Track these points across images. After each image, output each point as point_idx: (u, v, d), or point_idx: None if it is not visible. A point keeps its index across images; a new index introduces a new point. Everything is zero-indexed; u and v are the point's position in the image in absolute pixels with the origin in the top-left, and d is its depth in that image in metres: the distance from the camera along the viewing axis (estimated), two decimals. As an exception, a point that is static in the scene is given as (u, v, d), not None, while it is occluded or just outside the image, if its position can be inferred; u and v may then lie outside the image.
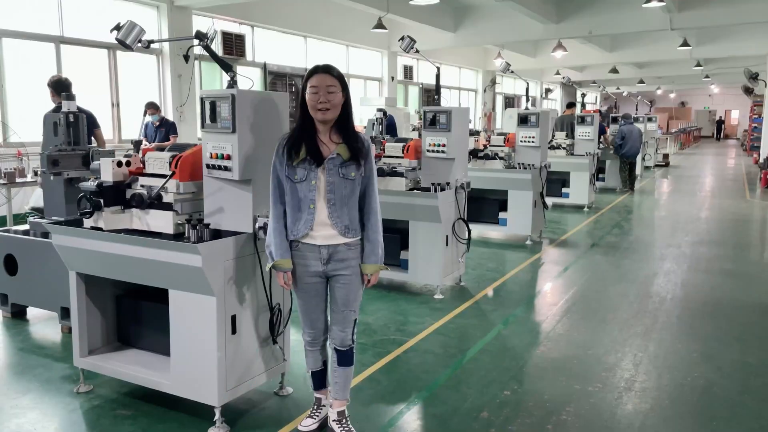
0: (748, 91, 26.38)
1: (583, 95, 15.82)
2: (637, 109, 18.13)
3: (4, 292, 4.66)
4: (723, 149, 29.60)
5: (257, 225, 3.04)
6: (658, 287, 5.69)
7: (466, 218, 5.45)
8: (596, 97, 36.16)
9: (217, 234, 3.03)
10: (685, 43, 15.21)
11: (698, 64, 19.98)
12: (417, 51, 5.55)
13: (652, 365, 3.88)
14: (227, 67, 3.16)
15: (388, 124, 12.06)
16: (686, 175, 16.74)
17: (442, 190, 5.16)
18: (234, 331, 3.01)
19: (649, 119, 16.62)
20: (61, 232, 3.28)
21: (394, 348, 4.08)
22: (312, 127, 2.74)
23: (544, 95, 26.96)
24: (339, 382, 2.93)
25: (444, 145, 5.21)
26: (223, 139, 2.98)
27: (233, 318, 3.01)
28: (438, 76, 5.47)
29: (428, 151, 5.30)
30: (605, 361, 3.90)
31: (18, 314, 4.69)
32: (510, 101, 24.22)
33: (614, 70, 20.46)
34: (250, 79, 3.31)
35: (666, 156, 19.20)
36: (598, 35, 14.90)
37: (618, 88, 27.97)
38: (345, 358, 2.92)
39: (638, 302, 5.21)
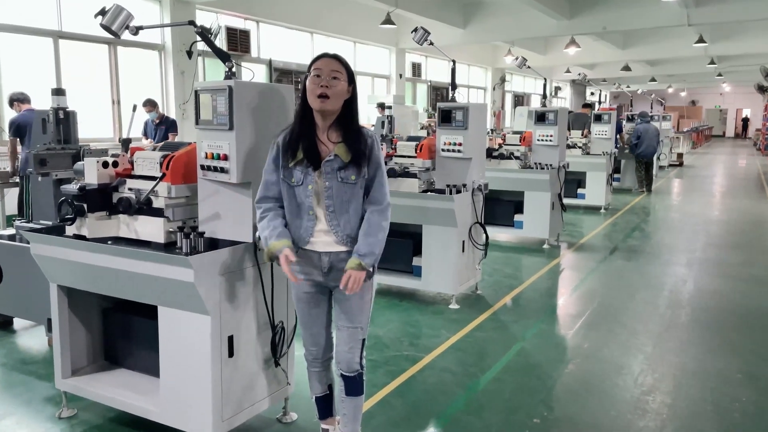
0: (761, 89, 25.88)
1: (592, 93, 15.45)
2: (652, 108, 17.69)
3: (-12, 302, 4.34)
4: (735, 148, 29.10)
5: (257, 233, 2.70)
6: (688, 296, 5.32)
7: (483, 222, 5.10)
8: (606, 95, 35.69)
9: (213, 244, 2.69)
10: (700, 40, 14.78)
11: (711, 62, 19.51)
12: (431, 43, 5.20)
13: (693, 388, 3.51)
14: (225, 57, 2.83)
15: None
16: (701, 175, 16.31)
17: (458, 192, 4.81)
18: (231, 354, 2.68)
19: (664, 118, 16.19)
20: (40, 241, 2.95)
21: (407, 366, 3.73)
22: (311, 125, 2.41)
23: (553, 93, 26.55)
24: (348, 414, 2.59)
25: (460, 144, 4.86)
26: (219, 137, 2.64)
27: (230, 339, 2.67)
28: (453, 71, 5.13)
29: (443, 150, 4.95)
30: (642, 383, 3.54)
31: (3, 325, 4.37)
32: (519, 99, 23.82)
33: (626, 68, 20.01)
34: (251, 70, 2.97)
35: (680, 155, 18.75)
36: (612, 31, 14.51)
37: (628, 87, 27.54)
38: (353, 385, 2.56)
39: (669, 313, 4.85)
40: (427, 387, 3.47)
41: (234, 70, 2.80)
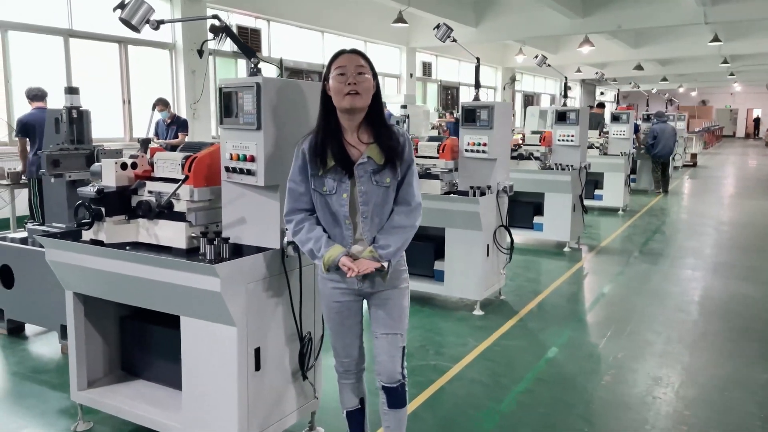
0: (774, 88, 25.52)
1: (602, 93, 15.20)
2: (667, 108, 17.45)
3: (0, 307, 4.21)
4: (747, 149, 28.78)
5: (285, 239, 2.55)
6: (719, 301, 5.14)
7: (507, 225, 4.94)
8: (615, 95, 35.32)
9: (237, 250, 2.55)
10: (715, 39, 14.53)
11: (725, 61, 19.23)
12: (454, 40, 5.04)
13: (739, 401, 3.33)
14: (250, 53, 2.67)
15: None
16: (717, 175, 16.07)
17: (483, 194, 4.64)
18: (258, 367, 2.52)
19: (679, 118, 15.96)
20: (55, 246, 2.80)
21: (435, 376, 3.57)
22: (337, 127, 2.26)
23: (563, 93, 26.26)
24: (391, 427, 2.45)
25: (485, 145, 4.69)
26: (245, 137, 2.49)
27: (257, 351, 2.52)
28: (477, 69, 4.95)
29: (467, 150, 4.78)
30: (684, 396, 3.36)
31: (15, 331, 4.23)
32: (529, 99, 23.61)
33: (639, 67, 19.77)
34: (275, 65, 2.82)
35: (694, 156, 18.51)
36: (626, 30, 14.28)
37: (638, 86, 27.29)
38: (396, 397, 2.41)
39: (702, 320, 4.67)
40: (457, 400, 3.31)
41: (259, 66, 2.66)
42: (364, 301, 2.42)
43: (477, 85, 4.91)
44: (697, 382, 3.56)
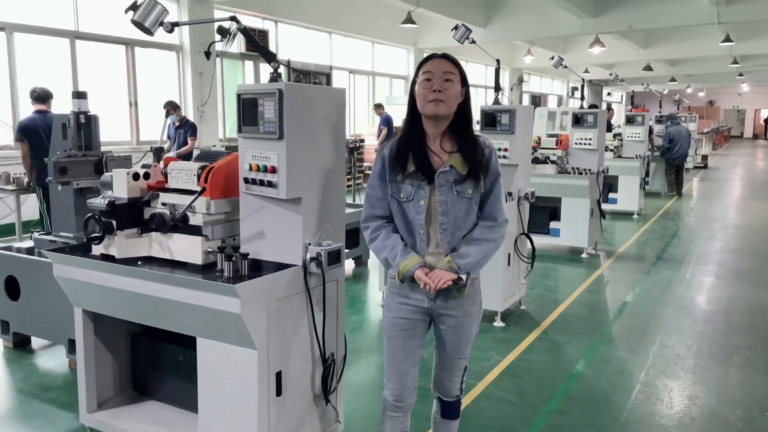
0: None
1: (609, 94, 14.98)
2: (678, 109, 17.24)
3: (5, 319, 4.06)
4: (756, 149, 28.51)
5: (308, 255, 2.40)
6: (749, 312, 4.95)
7: (527, 232, 4.78)
8: (622, 96, 35.08)
9: (257, 267, 2.39)
10: (727, 39, 14.31)
11: (734, 61, 18.99)
12: (473, 41, 4.87)
13: (780, 421, 3.16)
14: (270, 57, 2.52)
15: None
16: (729, 177, 15.83)
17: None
18: (279, 392, 2.37)
19: (691, 119, 15.75)
20: (63, 261, 2.65)
21: (460, 394, 3.40)
22: (421, 133, 2.14)
23: (570, 94, 26.08)
24: None
25: (506, 150, 4.52)
26: (266, 146, 2.34)
27: (278, 375, 2.36)
28: (497, 70, 4.79)
29: (487, 156, 4.61)
30: (728, 419, 3.18)
31: (20, 344, 4.08)
32: (536, 100, 23.41)
33: (648, 68, 19.55)
34: (283, 65, 2.66)
35: (705, 157, 18.28)
36: (637, 30, 14.08)
37: (647, 87, 27.03)
38: (451, 410, 2.40)
39: (733, 333, 4.48)
40: (486, 420, 3.14)
41: (279, 71, 2.51)
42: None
43: (497, 88, 4.75)
44: (736, 401, 3.38)
